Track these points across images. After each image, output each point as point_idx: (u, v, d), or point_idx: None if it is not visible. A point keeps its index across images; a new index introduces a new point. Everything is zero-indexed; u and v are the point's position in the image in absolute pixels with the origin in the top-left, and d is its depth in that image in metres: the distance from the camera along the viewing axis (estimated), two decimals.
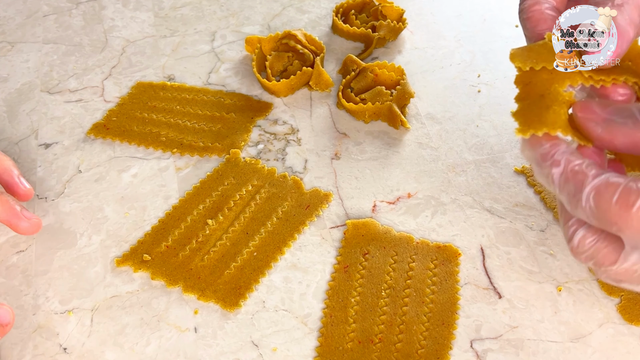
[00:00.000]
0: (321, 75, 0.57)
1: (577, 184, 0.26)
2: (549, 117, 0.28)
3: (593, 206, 0.26)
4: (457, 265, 0.46)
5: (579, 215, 0.27)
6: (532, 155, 0.29)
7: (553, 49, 0.29)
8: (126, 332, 0.42)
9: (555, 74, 0.29)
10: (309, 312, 0.43)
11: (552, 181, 0.28)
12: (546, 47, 0.30)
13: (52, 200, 0.50)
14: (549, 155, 0.28)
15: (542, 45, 0.30)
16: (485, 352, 0.41)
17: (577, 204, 0.26)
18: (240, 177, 0.51)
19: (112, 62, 0.62)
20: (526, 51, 0.30)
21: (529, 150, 0.29)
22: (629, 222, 0.25)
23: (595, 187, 0.26)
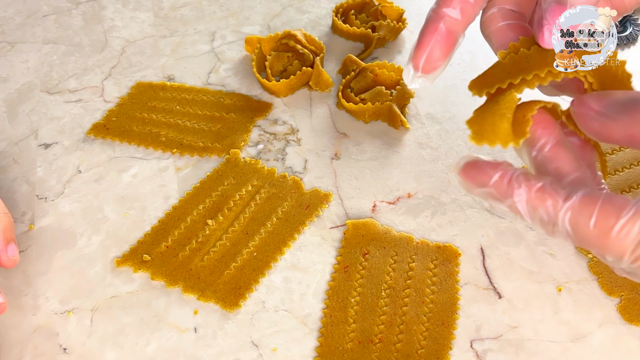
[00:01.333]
0: (321, 75, 0.57)
1: (548, 210, 0.25)
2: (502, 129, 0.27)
3: (570, 231, 0.24)
4: (457, 265, 0.46)
5: (558, 237, 0.25)
6: (484, 192, 0.26)
7: (506, 66, 0.29)
8: (126, 332, 0.42)
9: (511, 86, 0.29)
10: (309, 312, 0.43)
11: (517, 212, 0.25)
12: (499, 67, 0.29)
13: (52, 201, 0.50)
14: (503, 186, 0.25)
15: (495, 66, 0.30)
16: (485, 352, 0.41)
17: (554, 229, 0.25)
18: (240, 177, 0.51)
19: (112, 62, 0.62)
20: (481, 77, 0.30)
21: (478, 189, 0.26)
22: (609, 247, 0.24)
23: (570, 210, 0.24)
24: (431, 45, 0.30)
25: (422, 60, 0.30)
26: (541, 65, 0.28)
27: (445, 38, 0.31)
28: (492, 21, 0.32)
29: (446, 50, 0.31)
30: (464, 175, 0.26)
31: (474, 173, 0.26)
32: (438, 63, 0.31)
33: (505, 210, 0.26)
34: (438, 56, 0.31)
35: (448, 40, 0.31)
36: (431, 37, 0.30)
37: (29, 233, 0.48)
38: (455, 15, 0.30)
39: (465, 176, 0.26)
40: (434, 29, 0.30)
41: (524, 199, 0.25)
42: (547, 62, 0.28)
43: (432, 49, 0.31)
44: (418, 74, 0.31)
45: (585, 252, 0.47)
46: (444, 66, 0.31)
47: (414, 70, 0.31)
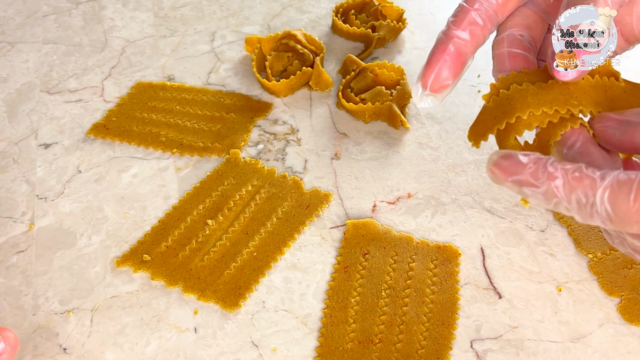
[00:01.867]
0: (321, 75, 0.57)
1: (585, 190, 0.25)
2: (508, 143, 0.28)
3: (609, 209, 0.25)
4: (457, 265, 0.46)
5: (595, 222, 0.26)
6: (519, 180, 0.27)
7: (492, 110, 0.29)
8: (126, 333, 0.42)
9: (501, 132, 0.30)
10: (309, 312, 0.43)
11: (555, 196, 0.26)
12: (486, 112, 0.30)
13: (52, 201, 0.50)
14: (539, 172, 0.26)
15: (483, 111, 0.30)
16: (486, 352, 0.41)
17: (591, 211, 0.25)
18: (240, 177, 0.51)
19: (112, 62, 0.62)
20: (474, 126, 0.31)
21: (512, 177, 0.27)
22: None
23: (608, 188, 0.25)
24: (440, 65, 0.31)
25: (431, 79, 0.31)
26: (522, 107, 0.28)
27: (454, 58, 0.32)
28: (498, 45, 0.33)
29: (455, 71, 0.32)
30: (498, 168, 0.27)
31: (508, 164, 0.27)
32: (446, 82, 0.32)
33: (539, 198, 0.26)
34: (446, 76, 0.32)
35: (457, 60, 0.32)
36: (440, 57, 0.31)
37: (29, 233, 0.48)
38: (465, 36, 0.31)
39: (499, 168, 0.27)
40: (443, 49, 0.31)
41: (560, 183, 0.25)
42: (527, 103, 0.28)
43: (440, 69, 0.31)
44: (427, 92, 0.32)
45: (585, 252, 0.47)
46: (452, 86, 0.32)
47: (422, 89, 0.32)
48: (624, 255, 0.46)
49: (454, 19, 0.32)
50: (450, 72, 0.32)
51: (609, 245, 0.47)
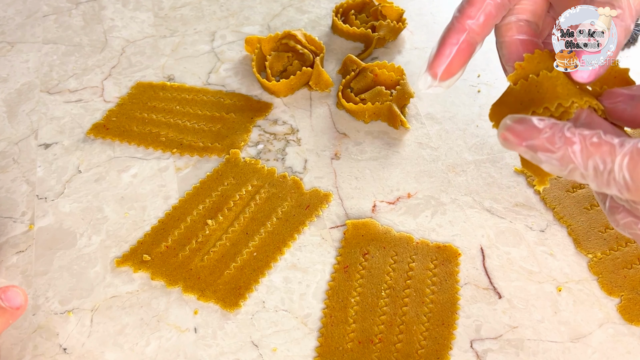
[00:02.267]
0: (321, 75, 0.57)
1: (604, 156, 0.24)
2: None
3: (628, 177, 0.24)
4: (457, 265, 0.46)
5: (610, 190, 0.25)
6: (534, 145, 0.26)
7: (518, 94, 0.29)
8: (126, 333, 0.42)
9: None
10: (309, 312, 0.43)
11: (571, 162, 0.25)
12: (512, 94, 0.29)
13: (52, 201, 0.50)
14: (555, 137, 0.25)
15: (508, 93, 0.30)
16: (485, 352, 0.41)
17: (608, 178, 0.25)
18: (240, 177, 0.51)
19: (112, 62, 0.62)
20: (497, 106, 0.30)
21: (527, 142, 0.26)
22: None
23: (627, 155, 0.24)
24: (452, 56, 0.31)
25: (441, 69, 0.31)
26: (551, 97, 0.27)
27: (465, 48, 0.31)
28: (507, 31, 0.32)
29: (464, 60, 0.32)
30: (512, 132, 0.26)
31: (522, 129, 0.26)
32: (456, 72, 0.32)
33: (554, 164, 0.26)
34: (456, 66, 0.32)
35: (467, 50, 0.31)
36: (452, 48, 0.31)
37: (29, 233, 0.48)
38: (476, 27, 0.31)
39: (512, 133, 0.26)
40: (455, 40, 0.31)
41: (578, 149, 0.25)
42: (557, 93, 0.27)
43: (452, 60, 0.31)
44: (435, 82, 0.32)
45: (585, 252, 0.47)
46: (460, 74, 0.32)
47: (432, 79, 0.32)
48: (624, 255, 0.46)
49: (467, 7, 0.31)
50: (460, 62, 0.32)
51: (609, 245, 0.47)
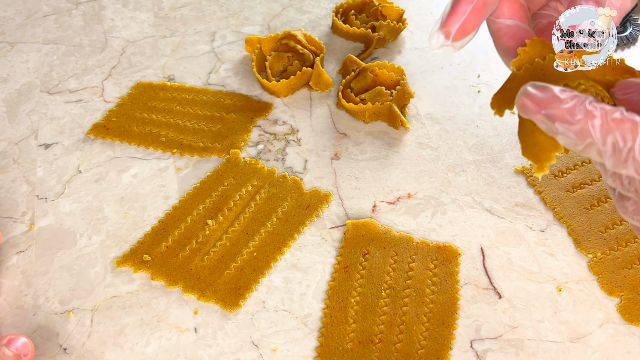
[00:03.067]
0: (321, 76, 0.57)
1: (625, 133, 0.24)
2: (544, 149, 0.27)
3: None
4: (457, 265, 0.46)
5: (628, 170, 0.24)
6: (553, 114, 0.25)
7: (523, 80, 0.28)
8: (126, 333, 0.42)
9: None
10: (309, 312, 0.43)
11: (589, 136, 0.24)
12: (516, 80, 0.28)
13: (52, 201, 0.50)
14: (576, 109, 0.24)
15: (511, 79, 0.29)
16: (485, 352, 0.41)
17: (627, 156, 0.24)
18: (240, 178, 0.51)
19: (112, 63, 0.62)
20: (500, 94, 0.29)
21: (546, 111, 0.25)
22: None
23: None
24: (467, 14, 0.29)
25: (455, 28, 0.29)
26: (558, 79, 0.27)
27: (481, 8, 0.29)
28: (500, 15, 0.31)
29: (479, 20, 0.30)
30: (531, 99, 0.25)
31: (543, 96, 0.25)
32: (469, 31, 0.30)
33: (570, 137, 0.25)
34: (471, 25, 0.30)
35: (483, 10, 0.30)
36: (467, 6, 0.29)
37: (29, 233, 0.48)
38: None
39: (532, 100, 0.25)
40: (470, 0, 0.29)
41: (598, 123, 0.24)
42: (563, 75, 0.27)
43: (467, 18, 0.29)
44: (448, 42, 0.30)
45: (585, 252, 0.47)
46: (473, 35, 0.30)
47: (445, 38, 0.30)
48: (624, 255, 0.46)
49: None
50: (474, 21, 0.30)
51: (609, 245, 0.47)
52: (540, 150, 0.27)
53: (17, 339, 0.38)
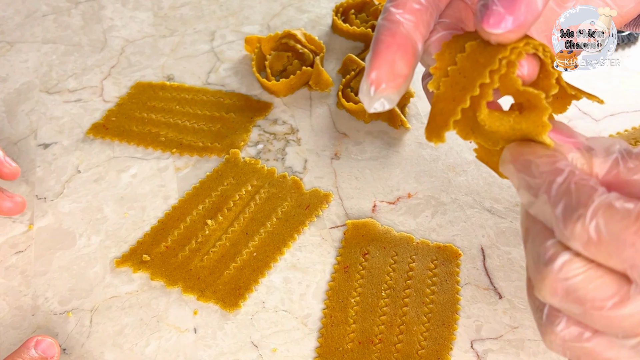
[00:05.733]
0: (321, 75, 0.57)
1: (582, 196, 0.22)
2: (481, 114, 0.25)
3: (602, 224, 0.21)
4: (458, 265, 0.46)
5: (573, 236, 0.22)
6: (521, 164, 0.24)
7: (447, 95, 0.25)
8: (125, 333, 0.42)
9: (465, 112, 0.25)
10: (309, 313, 0.43)
11: (546, 191, 0.23)
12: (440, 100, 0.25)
13: (51, 201, 0.50)
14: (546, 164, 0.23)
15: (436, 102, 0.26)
16: (486, 353, 0.41)
17: (577, 221, 0.21)
18: (239, 177, 0.51)
19: (112, 62, 0.62)
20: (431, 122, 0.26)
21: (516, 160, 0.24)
22: None
23: (606, 203, 0.21)
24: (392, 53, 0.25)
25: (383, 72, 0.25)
26: (479, 70, 0.24)
27: (407, 44, 0.26)
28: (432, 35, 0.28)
29: (409, 60, 0.26)
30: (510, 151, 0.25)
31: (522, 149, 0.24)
32: (403, 74, 0.26)
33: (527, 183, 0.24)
34: (402, 66, 0.26)
35: (410, 47, 0.26)
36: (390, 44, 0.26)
37: (28, 233, 0.48)
38: (410, 19, 0.26)
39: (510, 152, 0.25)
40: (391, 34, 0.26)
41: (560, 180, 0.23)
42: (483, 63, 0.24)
43: (394, 58, 0.25)
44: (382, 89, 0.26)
45: None
46: (409, 81, 0.26)
47: (375, 88, 0.25)
48: None
49: (393, 2, 0.26)
50: (405, 61, 0.25)
51: None
52: (440, 116, 0.25)
53: (43, 340, 0.39)
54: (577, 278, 0.22)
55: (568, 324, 0.23)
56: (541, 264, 0.23)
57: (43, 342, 0.38)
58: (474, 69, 0.24)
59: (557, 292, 0.22)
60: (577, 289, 0.22)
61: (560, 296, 0.22)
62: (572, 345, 0.23)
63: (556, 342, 0.24)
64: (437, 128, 0.25)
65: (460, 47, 0.25)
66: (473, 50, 0.25)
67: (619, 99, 0.57)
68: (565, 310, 0.23)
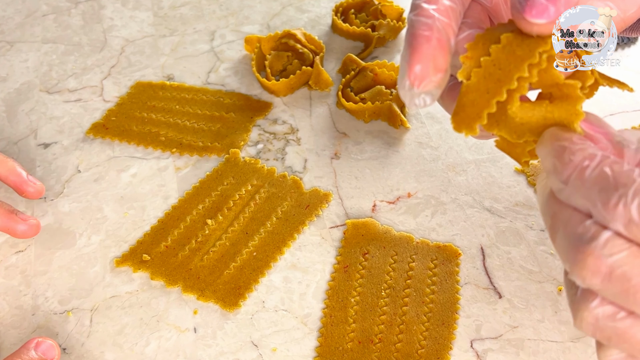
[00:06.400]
0: (321, 75, 0.57)
1: (621, 177, 0.22)
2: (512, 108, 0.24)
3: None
4: (457, 265, 0.46)
5: (614, 216, 0.21)
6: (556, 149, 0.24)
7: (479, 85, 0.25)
8: (125, 333, 0.42)
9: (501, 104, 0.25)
10: (309, 312, 0.43)
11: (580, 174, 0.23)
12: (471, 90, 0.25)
13: (51, 200, 0.50)
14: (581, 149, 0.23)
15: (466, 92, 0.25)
16: (486, 352, 0.41)
17: (619, 201, 0.21)
18: (239, 177, 0.51)
19: (111, 62, 0.62)
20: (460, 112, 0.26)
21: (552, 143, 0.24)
22: None
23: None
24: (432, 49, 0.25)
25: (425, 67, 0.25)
26: (518, 63, 0.24)
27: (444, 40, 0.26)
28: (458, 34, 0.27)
29: (446, 56, 0.26)
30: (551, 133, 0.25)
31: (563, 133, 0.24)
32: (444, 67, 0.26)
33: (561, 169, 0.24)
34: (442, 62, 0.26)
35: (447, 43, 0.26)
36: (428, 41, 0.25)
37: None
38: (444, 17, 0.26)
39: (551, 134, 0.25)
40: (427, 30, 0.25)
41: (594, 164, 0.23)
42: (520, 56, 0.24)
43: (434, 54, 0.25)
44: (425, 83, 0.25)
45: None
46: (448, 76, 0.26)
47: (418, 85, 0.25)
48: None
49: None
50: (443, 56, 0.25)
51: None
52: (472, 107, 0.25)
53: (44, 342, 0.39)
54: (621, 254, 0.21)
55: (603, 302, 0.23)
56: (583, 243, 0.22)
57: (43, 344, 0.39)
58: (511, 61, 0.24)
59: (600, 269, 0.22)
60: (621, 264, 0.21)
61: (603, 274, 0.22)
62: (604, 324, 0.23)
63: (588, 320, 0.23)
64: (467, 119, 0.25)
65: (495, 38, 0.25)
66: (509, 42, 0.24)
67: (619, 98, 0.57)
68: (605, 291, 0.22)
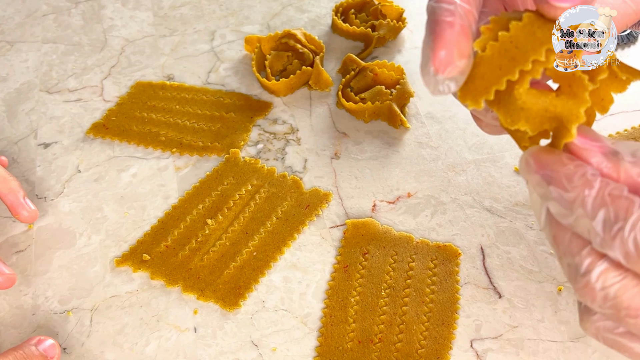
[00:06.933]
0: (321, 75, 0.57)
1: (619, 209, 0.22)
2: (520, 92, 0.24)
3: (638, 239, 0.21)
4: (457, 264, 0.46)
5: (613, 249, 0.22)
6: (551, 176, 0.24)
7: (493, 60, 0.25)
8: (125, 332, 0.42)
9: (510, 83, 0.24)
10: (309, 312, 0.43)
11: (581, 205, 0.23)
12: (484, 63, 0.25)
13: (51, 200, 0.50)
14: (575, 176, 0.23)
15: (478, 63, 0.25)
16: (486, 352, 0.41)
17: (616, 235, 0.22)
18: (239, 177, 0.51)
19: (112, 62, 0.62)
20: (470, 83, 0.25)
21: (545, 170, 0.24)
22: None
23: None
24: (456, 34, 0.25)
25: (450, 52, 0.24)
26: (536, 45, 0.24)
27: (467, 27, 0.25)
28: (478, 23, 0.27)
29: (470, 43, 0.25)
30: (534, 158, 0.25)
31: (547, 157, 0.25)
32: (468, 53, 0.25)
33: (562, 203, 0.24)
34: (466, 48, 0.25)
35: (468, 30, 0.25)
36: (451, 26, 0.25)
37: (29, 232, 0.48)
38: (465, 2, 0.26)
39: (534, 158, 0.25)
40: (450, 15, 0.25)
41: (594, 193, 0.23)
42: (540, 39, 0.24)
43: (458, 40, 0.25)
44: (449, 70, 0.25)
45: None
46: (471, 62, 0.26)
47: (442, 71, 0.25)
48: None
49: None
50: (467, 42, 0.25)
51: None
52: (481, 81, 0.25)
53: (45, 340, 0.39)
54: (614, 287, 0.23)
55: (603, 317, 0.24)
56: (578, 274, 0.24)
57: (45, 342, 0.39)
58: (529, 41, 0.24)
59: (595, 299, 0.23)
60: (614, 297, 0.23)
61: (598, 302, 0.23)
62: (605, 335, 0.24)
63: (590, 330, 0.25)
64: (475, 92, 0.25)
65: (519, 17, 0.25)
66: (531, 22, 0.24)
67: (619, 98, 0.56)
68: (602, 312, 0.24)
